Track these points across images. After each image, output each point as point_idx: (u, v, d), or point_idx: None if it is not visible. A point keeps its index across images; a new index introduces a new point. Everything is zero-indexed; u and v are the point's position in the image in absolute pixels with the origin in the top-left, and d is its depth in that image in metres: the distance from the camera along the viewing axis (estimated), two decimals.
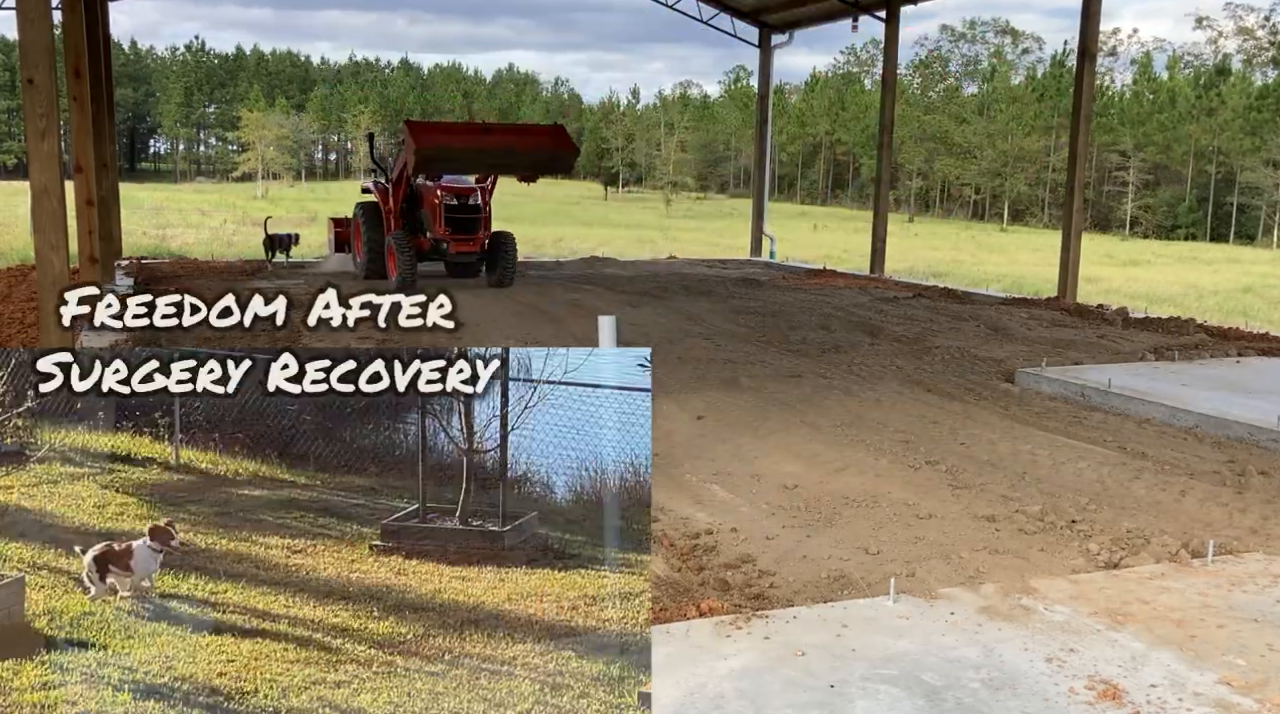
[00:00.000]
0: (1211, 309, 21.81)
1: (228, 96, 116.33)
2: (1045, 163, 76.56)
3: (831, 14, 20.57)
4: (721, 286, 16.41)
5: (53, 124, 7.35)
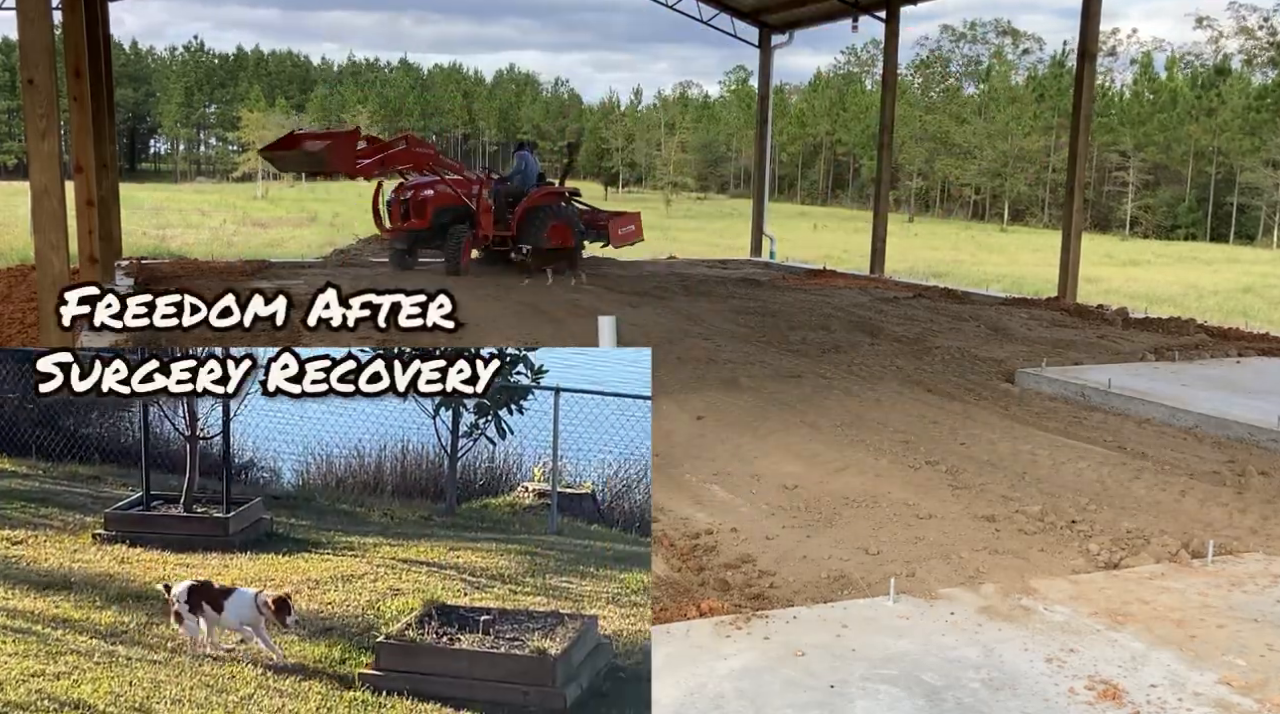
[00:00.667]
0: (1211, 309, 21.81)
1: (228, 97, 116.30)
2: (1045, 163, 76.56)
3: (831, 14, 20.57)
4: (721, 287, 16.41)
5: (53, 124, 7.35)
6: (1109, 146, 73.58)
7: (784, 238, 26.53)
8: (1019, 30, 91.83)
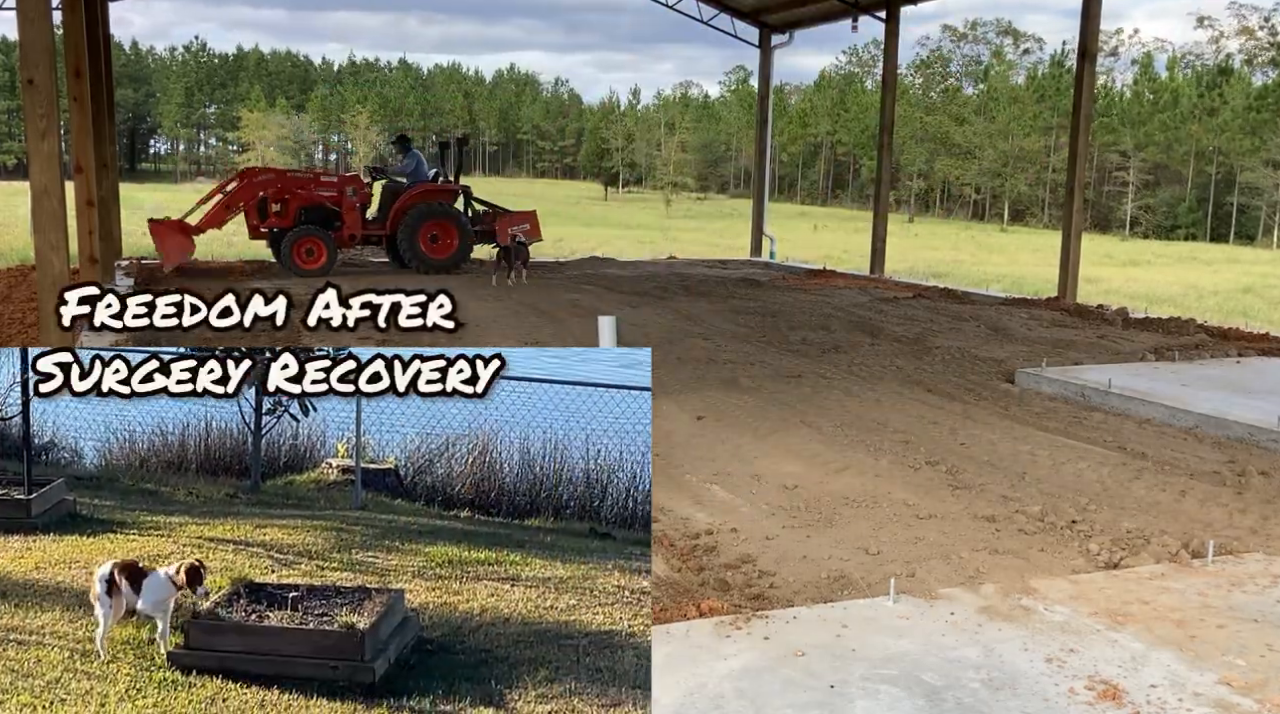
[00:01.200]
0: (1211, 309, 21.82)
1: (228, 97, 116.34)
2: (1045, 163, 76.58)
3: (831, 14, 20.57)
4: (721, 287, 16.41)
5: (53, 124, 7.35)
6: (1109, 146, 73.60)
7: (784, 238, 26.53)
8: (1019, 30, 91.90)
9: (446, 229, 17.29)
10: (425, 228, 17.11)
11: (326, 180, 17.59)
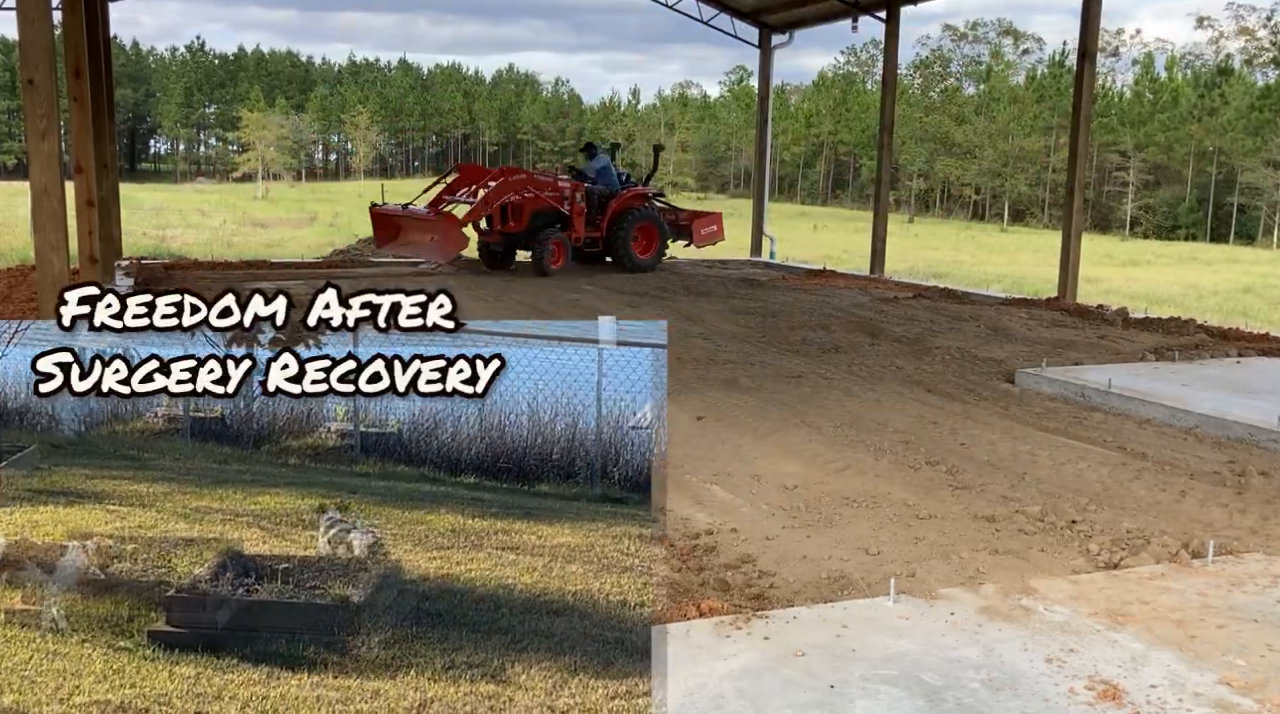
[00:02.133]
0: (1211, 309, 21.82)
1: (228, 97, 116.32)
2: (1045, 163, 76.57)
3: (831, 14, 20.56)
4: (721, 287, 16.41)
5: (53, 124, 7.35)
6: (1109, 146, 73.59)
7: (784, 238, 26.52)
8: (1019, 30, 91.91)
9: (649, 231, 18.75)
10: (633, 230, 18.48)
11: (560, 184, 18.45)
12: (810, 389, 8.76)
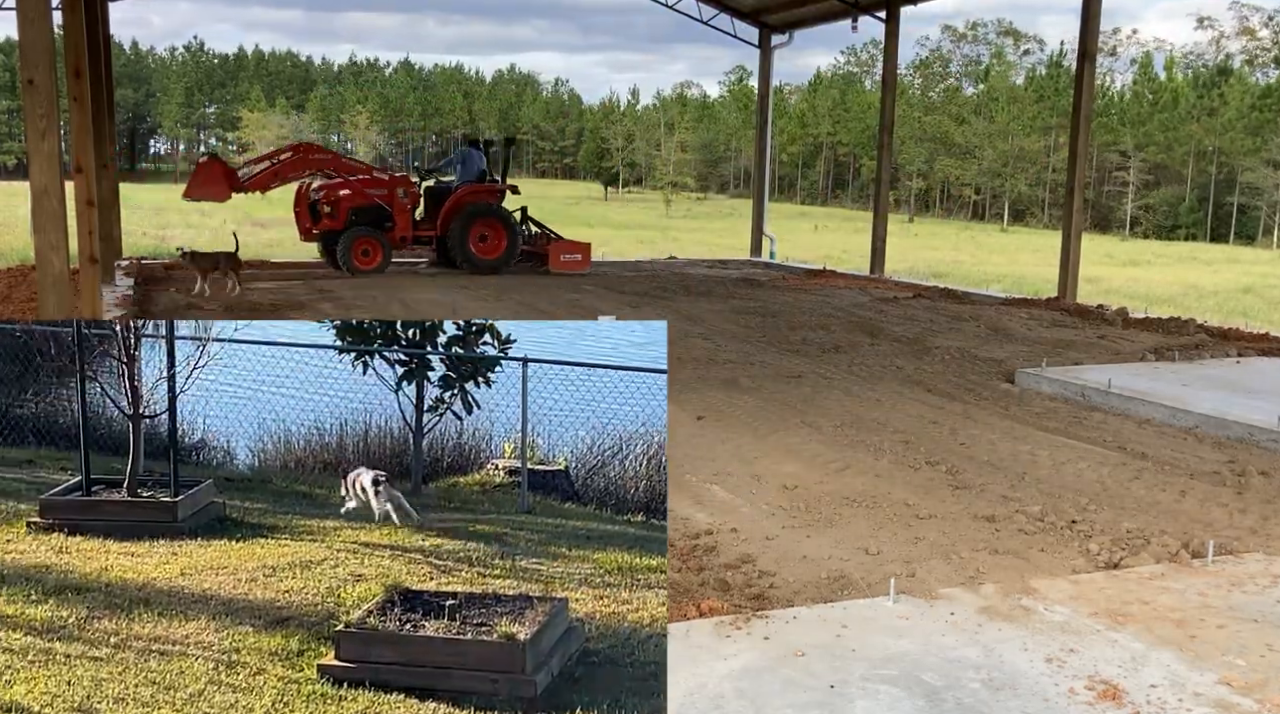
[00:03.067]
0: (1211, 309, 21.81)
1: (228, 96, 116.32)
2: (1045, 163, 76.53)
3: (831, 14, 20.56)
4: (721, 287, 16.41)
5: (53, 124, 7.34)
6: (1109, 146, 73.56)
7: (784, 238, 26.52)
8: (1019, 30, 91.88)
9: (495, 229, 17.52)
10: (475, 228, 17.34)
11: (378, 178, 17.69)
12: (810, 389, 8.76)
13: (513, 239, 17.58)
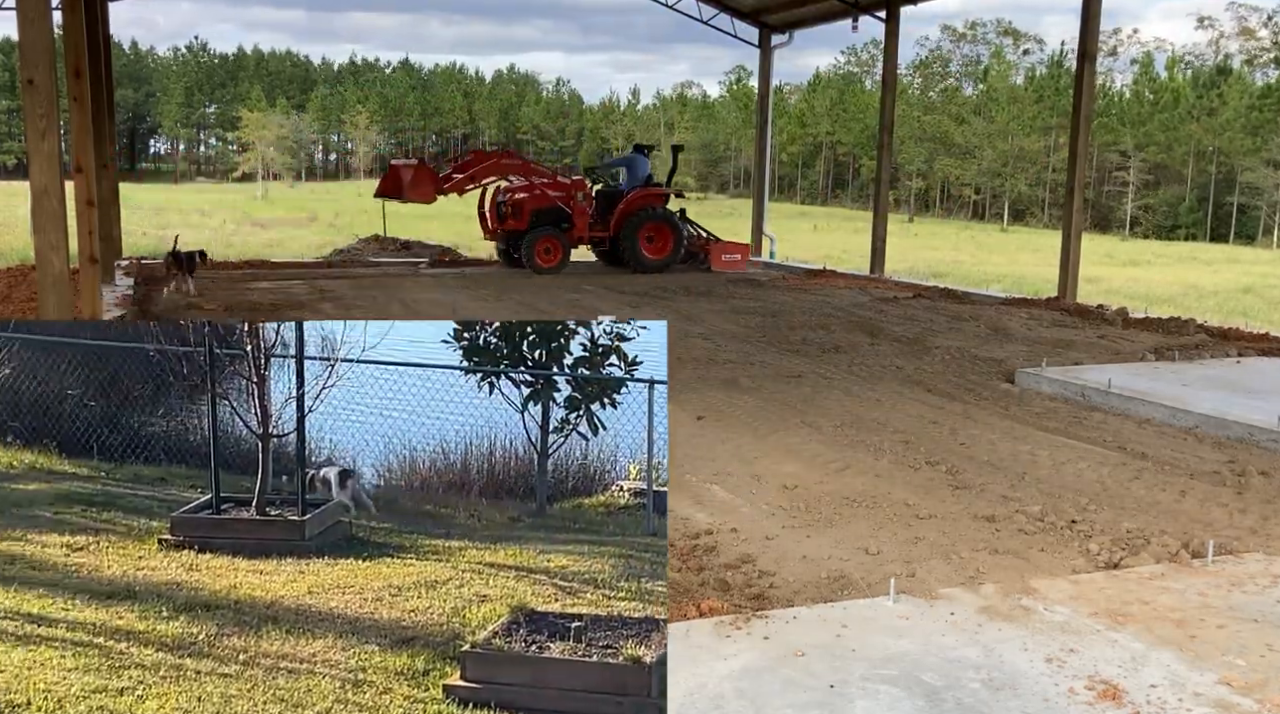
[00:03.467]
0: (1211, 309, 21.82)
1: (228, 96, 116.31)
2: (1045, 163, 76.53)
3: (831, 14, 20.55)
4: (721, 287, 16.41)
5: (53, 124, 7.34)
6: (1109, 146, 73.56)
7: (784, 238, 26.51)
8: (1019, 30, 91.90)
9: (662, 231, 18.44)
10: (644, 230, 18.25)
11: (559, 182, 18.44)
12: (810, 389, 8.76)
13: (678, 241, 18.52)
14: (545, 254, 17.63)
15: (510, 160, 18.93)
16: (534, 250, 17.52)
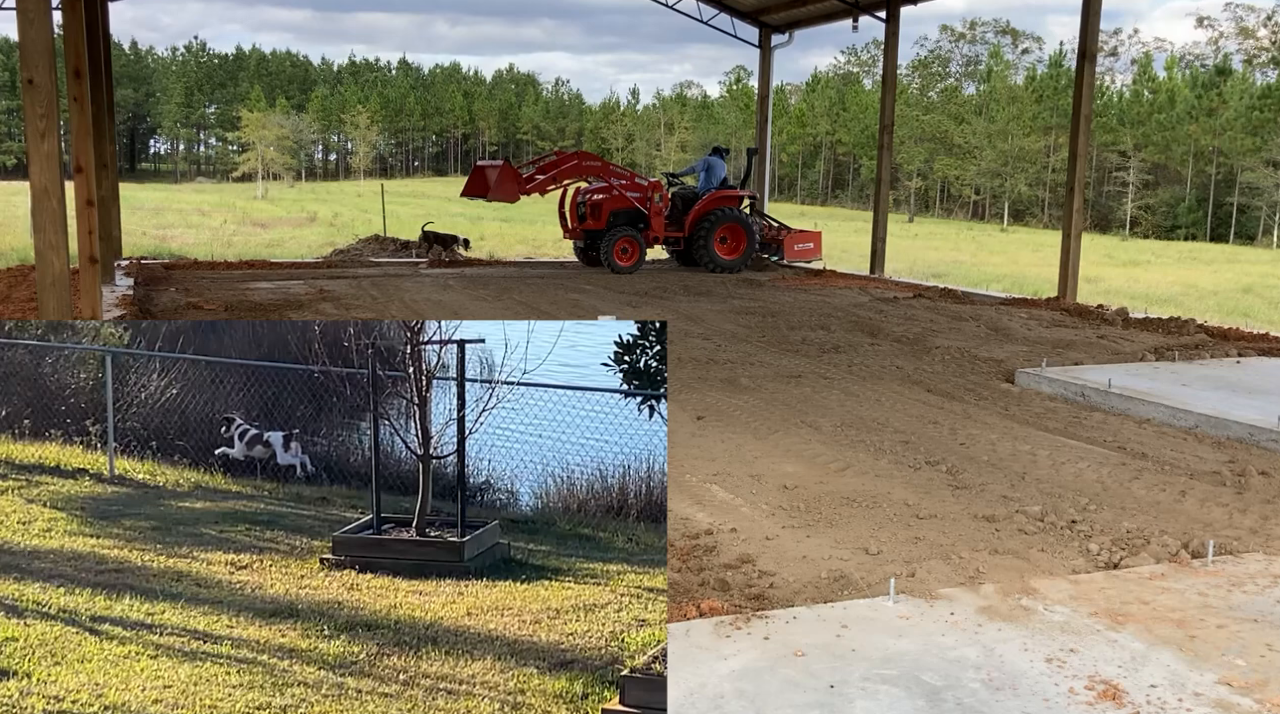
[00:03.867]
0: (1211, 309, 21.82)
1: (228, 96, 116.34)
2: (1045, 163, 76.54)
3: (831, 14, 20.57)
4: (721, 287, 16.42)
5: (53, 124, 7.34)
6: (1109, 146, 73.57)
7: None
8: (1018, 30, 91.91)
9: (736, 232, 18.86)
10: (718, 231, 18.66)
11: (637, 183, 18.70)
12: (810, 389, 8.77)
13: (750, 242, 18.88)
14: (623, 254, 18.00)
15: (591, 162, 19.22)
16: (613, 250, 17.87)
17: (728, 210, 18.78)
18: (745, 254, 18.80)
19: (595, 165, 19.00)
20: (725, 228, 18.70)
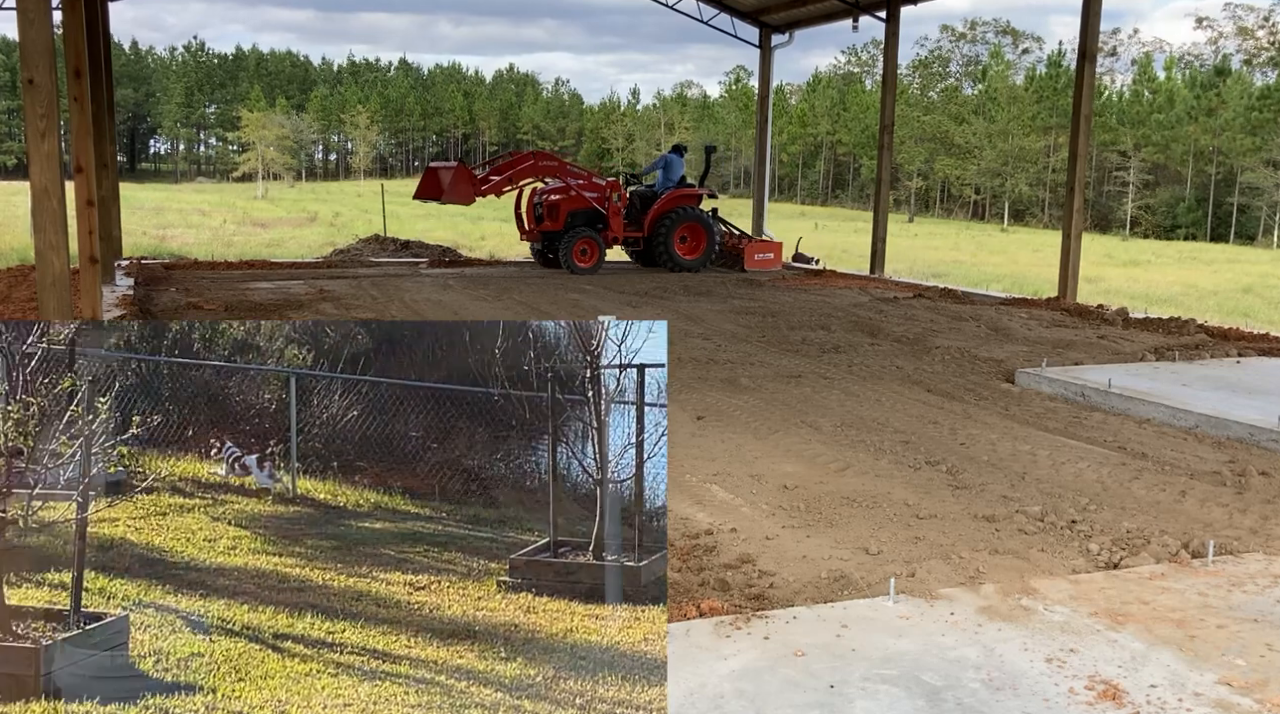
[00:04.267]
0: (1211, 309, 21.82)
1: (228, 96, 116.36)
2: (1045, 163, 76.52)
3: (831, 14, 20.57)
4: (721, 287, 16.42)
5: (53, 124, 7.34)
6: (1109, 146, 73.55)
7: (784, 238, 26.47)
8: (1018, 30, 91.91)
9: (696, 232, 18.73)
10: (678, 230, 18.55)
11: (595, 183, 18.54)
12: (810, 389, 8.77)
13: (710, 240, 18.71)
14: (582, 255, 17.83)
15: (547, 162, 19.06)
16: (571, 251, 17.71)
17: (687, 209, 18.60)
18: (706, 253, 18.63)
19: (551, 165, 18.78)
20: (685, 227, 18.53)
